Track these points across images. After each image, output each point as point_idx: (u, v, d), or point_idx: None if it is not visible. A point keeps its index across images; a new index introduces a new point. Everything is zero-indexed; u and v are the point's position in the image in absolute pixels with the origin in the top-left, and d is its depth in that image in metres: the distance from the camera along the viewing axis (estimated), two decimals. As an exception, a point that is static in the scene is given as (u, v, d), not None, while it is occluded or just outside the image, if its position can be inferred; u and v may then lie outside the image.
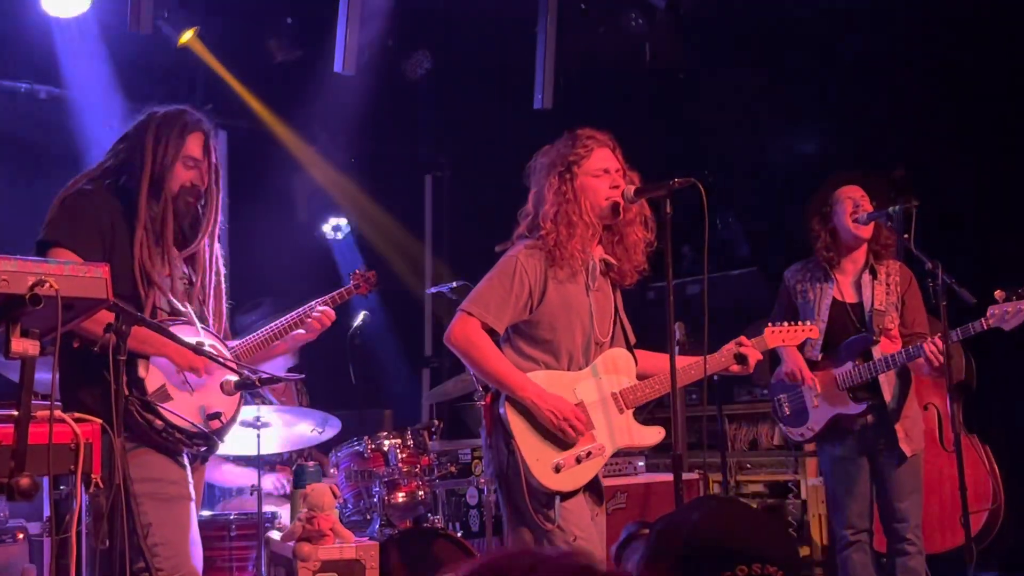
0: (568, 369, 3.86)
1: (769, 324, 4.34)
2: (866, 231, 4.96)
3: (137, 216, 3.58)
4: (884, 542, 5.02)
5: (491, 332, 3.83)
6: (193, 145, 3.70)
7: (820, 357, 4.99)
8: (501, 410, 3.76)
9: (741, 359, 4.05)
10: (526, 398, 3.72)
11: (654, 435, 3.98)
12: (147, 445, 3.48)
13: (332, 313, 4.01)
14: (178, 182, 3.66)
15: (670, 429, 3.95)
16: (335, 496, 4.61)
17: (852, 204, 4.97)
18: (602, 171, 3.92)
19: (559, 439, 3.74)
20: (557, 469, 3.72)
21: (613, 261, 3.98)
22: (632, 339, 4.07)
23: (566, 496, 3.74)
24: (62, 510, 3.00)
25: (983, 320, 4.65)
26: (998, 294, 4.66)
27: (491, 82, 8.06)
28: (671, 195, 3.82)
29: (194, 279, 3.73)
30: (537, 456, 3.71)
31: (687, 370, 3.96)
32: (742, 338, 4.11)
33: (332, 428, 5.57)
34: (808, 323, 4.40)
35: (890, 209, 4.96)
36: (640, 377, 3.97)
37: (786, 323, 4.37)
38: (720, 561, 1.88)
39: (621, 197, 3.90)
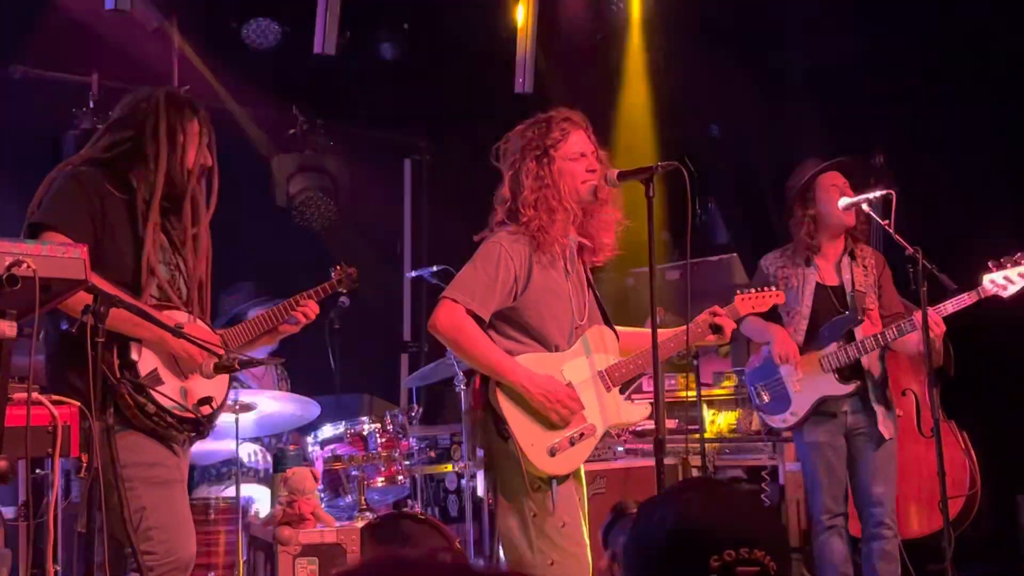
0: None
1: (738, 292, 4.33)
2: (851, 217, 4.99)
3: (150, 208, 3.52)
4: (858, 527, 5.05)
5: (476, 319, 3.79)
6: (201, 125, 3.66)
7: (802, 341, 5.00)
8: (492, 396, 3.70)
9: (716, 329, 4.05)
10: (516, 382, 3.66)
11: (641, 412, 3.98)
12: (138, 429, 3.43)
13: (316, 307, 3.99)
14: (195, 164, 3.62)
15: (650, 414, 3.95)
16: (315, 480, 4.60)
17: (837, 191, 4.99)
18: (579, 154, 3.86)
19: (551, 422, 3.70)
20: (552, 453, 3.68)
21: (587, 243, 3.95)
22: (608, 314, 4.05)
23: (560, 480, 3.72)
24: (39, 494, 2.98)
25: (979, 288, 4.66)
26: (990, 264, 4.68)
27: (472, 65, 8.01)
28: (654, 179, 3.81)
29: (181, 265, 3.67)
30: (532, 441, 3.67)
31: (666, 343, 3.94)
32: (715, 308, 4.10)
33: (312, 412, 5.54)
34: (774, 288, 4.38)
35: (872, 195, 4.98)
36: (620, 354, 3.96)
37: (753, 290, 4.35)
38: (707, 545, 1.87)
39: (604, 180, 3.87)
